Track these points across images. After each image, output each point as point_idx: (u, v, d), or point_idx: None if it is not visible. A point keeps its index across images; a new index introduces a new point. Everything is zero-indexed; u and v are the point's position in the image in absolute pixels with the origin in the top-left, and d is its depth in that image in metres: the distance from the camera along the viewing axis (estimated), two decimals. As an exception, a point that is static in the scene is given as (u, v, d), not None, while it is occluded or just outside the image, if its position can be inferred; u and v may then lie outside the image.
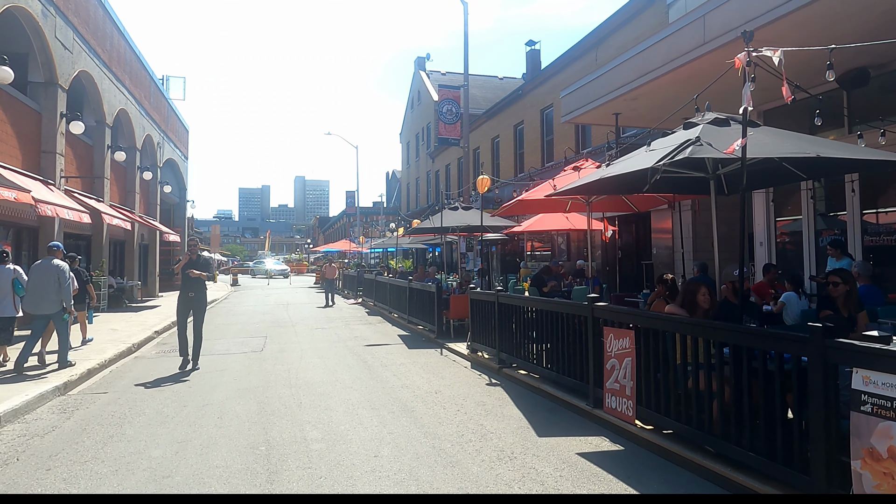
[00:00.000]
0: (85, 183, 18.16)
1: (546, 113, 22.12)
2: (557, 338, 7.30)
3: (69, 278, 9.09)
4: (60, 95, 15.35)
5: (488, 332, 9.46)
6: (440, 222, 13.41)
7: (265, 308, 21.78)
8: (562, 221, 15.02)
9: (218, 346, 12.43)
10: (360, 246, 30.80)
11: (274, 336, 13.85)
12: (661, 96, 11.67)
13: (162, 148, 27.34)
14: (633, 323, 5.74)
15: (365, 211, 52.96)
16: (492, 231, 14.88)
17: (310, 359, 10.58)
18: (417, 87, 40.54)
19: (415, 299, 14.51)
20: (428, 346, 11.89)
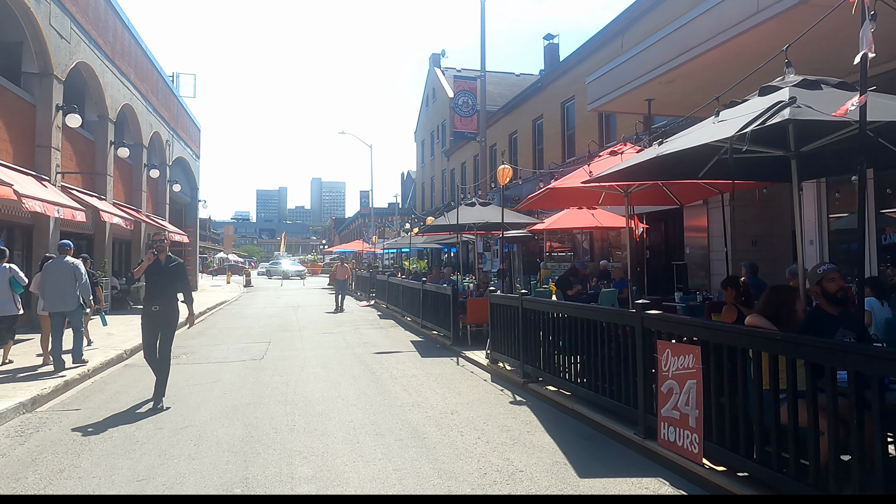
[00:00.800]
0: (86, 180, 17.30)
1: (567, 106, 20.90)
2: (595, 351, 6.14)
3: (85, 275, 9.30)
4: (56, 87, 14.46)
5: (511, 340, 8.32)
6: (456, 219, 12.28)
7: (274, 310, 20.80)
8: (587, 219, 13.83)
9: (216, 352, 11.40)
10: (374, 246, 29.78)
11: (278, 342, 12.81)
12: (700, 78, 10.47)
13: (171, 146, 26.53)
14: (699, 337, 4.57)
15: (380, 211, 52.01)
16: (513, 228, 13.72)
17: (312, 369, 9.50)
18: (432, 85, 39.47)
19: (429, 302, 13.40)
20: (443, 355, 10.77)
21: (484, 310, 10.91)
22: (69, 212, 12.91)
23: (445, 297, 11.85)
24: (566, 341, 6.80)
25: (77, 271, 9.06)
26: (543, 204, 10.05)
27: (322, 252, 78.53)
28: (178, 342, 13.26)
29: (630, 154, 7.17)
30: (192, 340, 13.26)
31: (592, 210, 14.26)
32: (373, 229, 39.56)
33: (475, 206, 12.84)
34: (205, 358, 10.80)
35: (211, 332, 14.67)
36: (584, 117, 19.38)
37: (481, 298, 11.53)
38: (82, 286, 9.10)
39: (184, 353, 11.50)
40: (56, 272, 8.93)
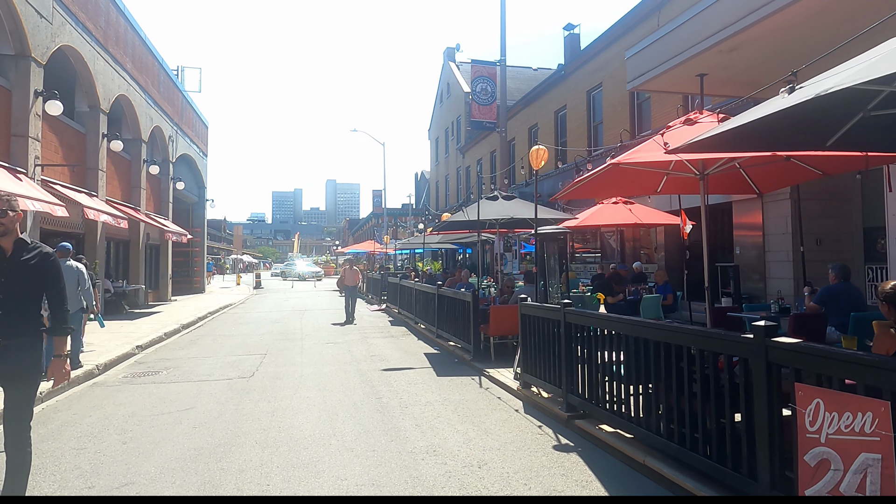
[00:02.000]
0: (75, 175, 15.86)
1: (593, 95, 19.15)
2: (678, 387, 4.44)
3: (89, 280, 9.33)
4: (34, 70, 12.99)
5: (549, 362, 6.62)
6: (477, 215, 10.60)
7: (278, 315, 19.25)
8: (624, 214, 12.09)
9: (202, 367, 9.82)
10: (386, 246, 28.17)
11: (275, 354, 11.21)
12: (768, 46, 8.74)
13: (175, 142, 25.12)
14: (885, 386, 2.85)
15: (393, 212, 50.40)
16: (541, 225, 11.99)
17: (307, 392, 7.87)
18: (447, 80, 37.83)
19: (445, 309, 11.73)
20: (462, 372, 9.09)
21: (510, 320, 9.25)
22: (46, 206, 11.40)
23: (464, 305, 10.18)
24: (631, 368, 5.10)
25: (80, 276, 9.10)
26: (593, 189, 8.31)
27: (335, 253, 77.15)
28: (164, 354, 11.79)
29: (710, 123, 5.43)
30: (180, 352, 11.71)
31: (629, 204, 12.54)
32: (385, 229, 37.97)
33: (497, 201, 11.17)
34: (186, 374, 9.22)
35: (204, 342, 13.12)
36: (613, 106, 17.63)
37: (506, 307, 9.85)
38: (85, 291, 9.17)
39: (166, 367, 9.94)
40: None
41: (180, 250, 30.07)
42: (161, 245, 24.69)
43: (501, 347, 9.95)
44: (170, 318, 16.81)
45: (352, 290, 17.45)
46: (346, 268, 18.43)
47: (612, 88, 17.71)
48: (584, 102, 19.32)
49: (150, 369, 9.81)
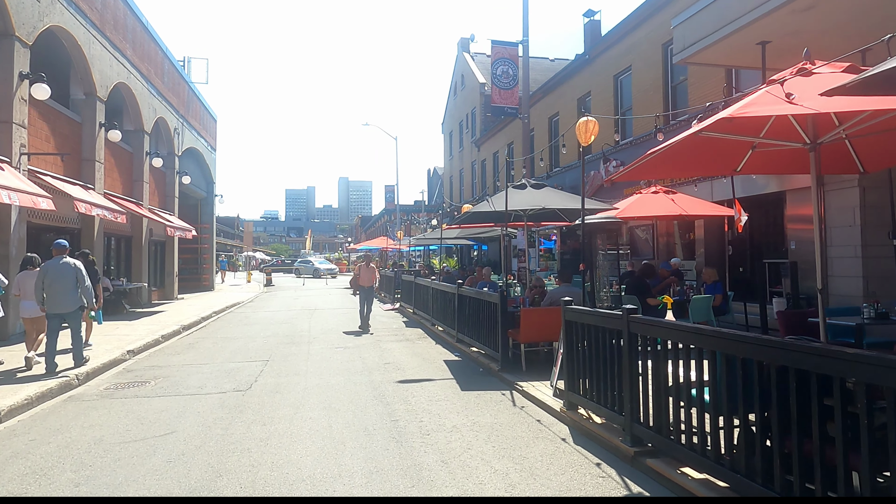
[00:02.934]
0: (70, 166, 14.77)
1: (621, 79, 17.75)
2: (801, 425, 3.14)
3: (87, 277, 8.99)
4: (19, 51, 11.88)
5: (606, 381, 5.33)
6: (502, 204, 9.31)
7: (286, 315, 18.08)
8: (666, 205, 10.72)
9: (194, 377, 8.63)
10: (399, 243, 26.94)
11: (278, 360, 10.01)
12: (851, 6, 7.42)
13: (181, 135, 24.03)
14: None
15: (406, 209, 49.13)
16: (576, 216, 10.67)
17: (310, 411, 6.64)
18: (461, 71, 36.50)
19: (466, 311, 10.46)
20: (490, 386, 7.83)
21: (544, 325, 7.99)
22: (28, 198, 10.29)
23: (490, 307, 8.89)
24: (722, 395, 3.80)
25: (79, 274, 8.76)
26: (649, 171, 7.00)
27: (347, 250, 76.15)
28: (156, 360, 10.62)
29: (834, 75, 4.09)
30: (174, 357, 10.54)
31: (671, 194, 11.19)
32: (398, 224, 36.74)
33: (525, 189, 9.86)
34: (175, 386, 8.04)
35: (203, 345, 11.96)
36: (644, 90, 16.24)
37: (540, 309, 8.56)
38: (85, 289, 8.81)
39: (155, 377, 8.76)
40: (54, 274, 8.54)
41: (188, 247, 29.06)
42: (167, 241, 23.62)
43: (532, 355, 8.67)
44: (171, 319, 15.69)
45: (367, 291, 14.58)
46: (360, 265, 15.82)
47: (641, 71, 16.33)
48: (611, 87, 17.93)
49: (136, 379, 8.64)
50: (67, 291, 8.59)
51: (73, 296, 8.65)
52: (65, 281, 8.57)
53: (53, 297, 8.53)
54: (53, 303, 8.54)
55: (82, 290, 8.76)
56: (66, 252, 8.95)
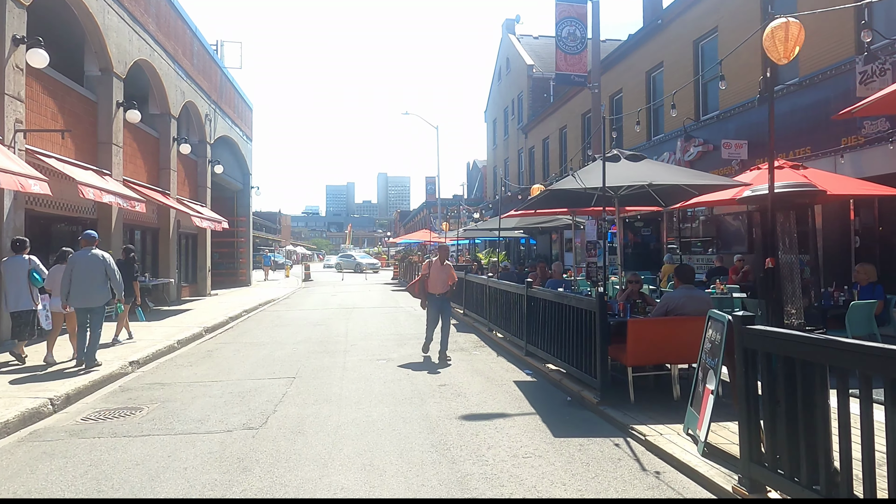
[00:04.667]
0: (84, 149, 13.07)
1: (703, 45, 15.12)
2: None
3: (117, 269, 8.53)
4: (13, 12, 10.13)
5: (821, 456, 3.00)
6: (593, 181, 6.99)
7: (322, 315, 16.12)
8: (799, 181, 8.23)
9: (197, 404, 6.62)
10: (445, 235, 24.79)
11: (306, 377, 7.96)
12: None
13: (213, 121, 22.35)
14: None
15: (445, 202, 46.97)
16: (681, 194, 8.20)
17: (343, 473, 4.49)
18: (506, 54, 34.02)
19: (540, 318, 8.17)
20: (593, 429, 5.56)
21: (662, 342, 5.73)
22: (12, 180, 8.46)
23: (583, 316, 6.58)
24: None
25: (108, 266, 8.34)
26: None
27: (386, 244, 74.52)
28: (163, 374, 8.50)
29: None
30: (184, 371, 8.60)
31: (798, 169, 8.69)
32: (440, 217, 34.57)
33: (619, 162, 7.52)
34: (170, 419, 6.03)
35: (222, 354, 10.03)
36: (737, 53, 13.54)
37: (656, 321, 6.23)
38: (116, 283, 8.42)
39: (151, 400, 6.80)
40: (83, 266, 8.15)
41: (224, 240, 27.56)
42: (198, 234, 22.00)
43: (642, 383, 6.37)
44: (196, 319, 13.89)
45: (441, 302, 9.33)
46: (430, 262, 9.70)
47: (733, 31, 13.69)
48: (691, 55, 15.30)
49: (127, 404, 6.69)
50: (96, 285, 8.19)
51: (102, 289, 8.24)
52: (94, 274, 8.16)
53: (82, 290, 8.09)
54: (82, 297, 8.09)
55: (113, 284, 8.33)
56: (94, 243, 8.51)
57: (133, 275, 10.79)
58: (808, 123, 11.20)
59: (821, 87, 10.93)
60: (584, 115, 22.34)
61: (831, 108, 10.60)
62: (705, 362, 4.83)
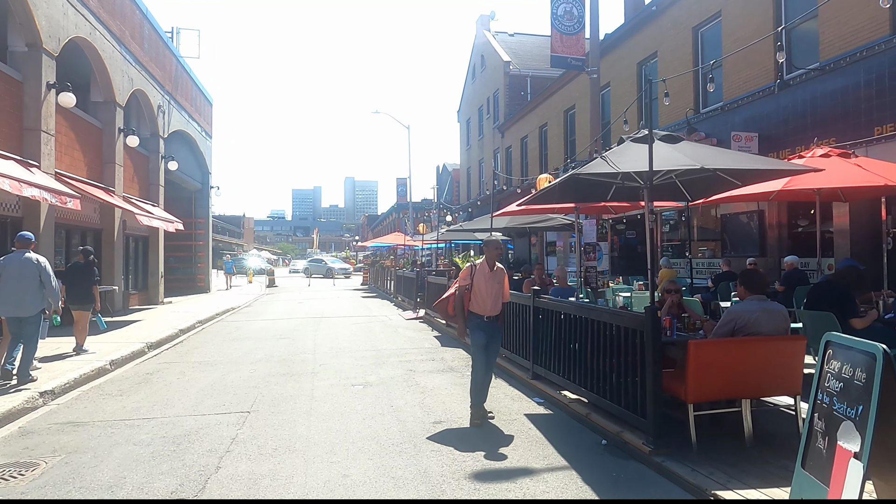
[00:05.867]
0: (5, 136, 11.11)
1: (702, 32, 13.97)
2: None
3: (53, 276, 7.67)
4: None
5: None
6: (637, 164, 5.57)
7: (287, 326, 14.36)
8: (859, 173, 7.01)
9: (114, 458, 4.92)
10: (420, 238, 23.18)
11: (265, 412, 6.30)
12: None
13: (167, 114, 20.32)
14: None
15: (415, 206, 45.31)
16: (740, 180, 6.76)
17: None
18: (481, 51, 32.70)
19: (552, 335, 6.66)
20: (657, 492, 4.10)
21: (733, 370, 4.27)
22: None
23: (624, 336, 5.09)
24: None
25: (43, 271, 7.51)
26: None
27: (355, 248, 72.48)
28: (82, 408, 6.32)
29: None
30: (111, 403, 6.84)
31: (848, 158, 7.44)
32: (412, 220, 32.97)
33: (653, 143, 6.07)
34: (70, 484, 4.35)
35: (164, 377, 8.26)
36: (745, 39, 12.40)
37: (723, 342, 4.78)
38: (50, 290, 7.54)
39: (54, 451, 5.07)
40: (14, 271, 7.34)
41: (181, 244, 25.45)
42: (151, 237, 19.94)
43: (705, 424, 4.90)
44: (139, 333, 12.02)
45: (490, 329, 5.94)
46: (473, 267, 6.05)
47: (737, 17, 12.52)
48: (689, 44, 14.13)
49: (17, 458, 4.95)
50: (29, 292, 7.40)
51: (35, 297, 7.46)
52: (26, 280, 7.40)
53: (12, 297, 7.35)
54: (12, 304, 7.33)
55: (47, 291, 7.53)
56: (30, 246, 7.72)
57: (94, 279, 9.87)
58: (833, 112, 10.05)
59: (848, 72, 9.77)
60: (568, 111, 21.10)
61: (861, 95, 9.46)
62: (830, 407, 3.40)
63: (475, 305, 5.91)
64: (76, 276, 10.11)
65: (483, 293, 5.89)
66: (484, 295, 5.90)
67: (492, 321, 5.94)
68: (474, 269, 5.98)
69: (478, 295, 5.90)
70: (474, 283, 5.90)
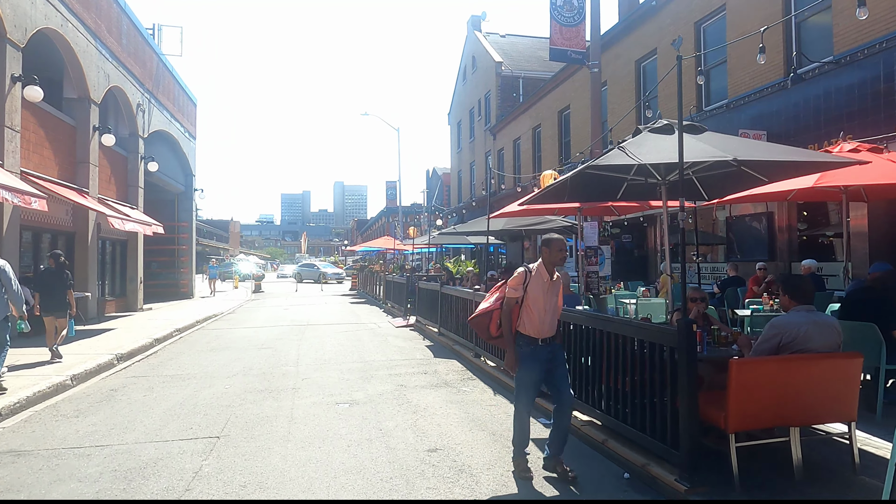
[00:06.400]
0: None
1: (705, 27, 13.39)
2: None
3: (15, 279, 7.20)
4: None
5: None
6: (660, 155, 4.90)
7: (270, 334, 13.55)
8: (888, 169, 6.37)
9: (52, 499, 4.13)
10: (409, 242, 22.43)
11: (236, 439, 5.53)
12: None
13: (147, 113, 19.46)
14: None
15: (405, 210, 44.53)
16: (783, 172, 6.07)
17: None
18: (472, 52, 32.09)
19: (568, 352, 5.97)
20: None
21: (783, 392, 3.60)
22: None
23: (650, 352, 4.39)
24: None
25: (4, 275, 7.07)
26: None
27: (343, 252, 71.58)
28: (28, 434, 5.40)
29: None
30: (64, 426, 6.04)
31: (880, 152, 6.82)
32: (401, 222, 32.24)
33: (672, 135, 5.43)
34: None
35: (129, 394, 7.45)
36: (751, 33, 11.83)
37: (770, 361, 4.09)
38: (13, 294, 7.11)
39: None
40: None
41: (163, 248, 24.53)
42: (129, 241, 19.03)
43: (748, 459, 4.20)
44: (110, 343, 11.18)
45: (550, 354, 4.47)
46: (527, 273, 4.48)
47: (744, 11, 11.95)
48: (691, 39, 13.53)
49: (-63, 501, 4.15)
50: None
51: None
52: None
53: None
54: None
55: (9, 295, 7.11)
56: None
57: (68, 283, 9.51)
58: (849, 108, 9.46)
59: (865, 65, 9.19)
60: (562, 112, 20.50)
61: (880, 90, 8.88)
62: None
63: (526, 325, 4.41)
64: (48, 283, 9.51)
65: (539, 308, 4.39)
66: (540, 311, 4.39)
67: (549, 344, 4.46)
68: (529, 277, 4.44)
69: (531, 311, 4.40)
70: (528, 294, 4.39)
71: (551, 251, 4.49)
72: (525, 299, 4.40)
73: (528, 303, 4.39)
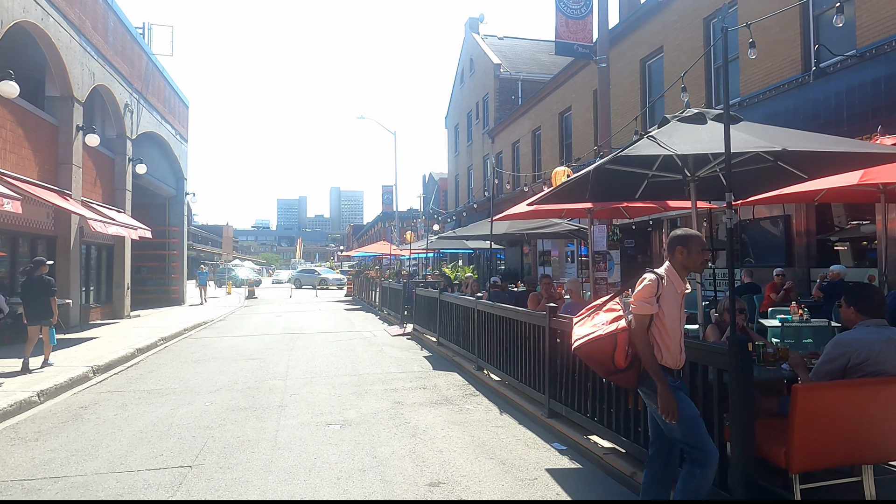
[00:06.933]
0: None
1: (713, 23, 12.80)
2: None
3: None
4: None
5: None
6: (698, 145, 4.28)
7: (260, 343, 12.84)
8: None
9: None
10: (406, 248, 21.75)
11: (210, 469, 4.84)
12: None
13: (136, 114, 18.78)
14: None
15: (402, 216, 43.83)
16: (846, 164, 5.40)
17: None
18: (469, 55, 31.52)
19: (573, 364, 5.30)
20: None
21: (856, 424, 2.87)
22: None
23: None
24: None
25: None
26: None
27: (339, 258, 70.81)
28: None
29: None
30: (18, 452, 5.34)
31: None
32: (398, 227, 31.55)
33: (707, 124, 4.81)
34: None
35: (100, 413, 6.75)
36: (765, 27, 11.24)
37: (839, 386, 3.42)
38: None
39: None
40: None
41: (153, 253, 23.82)
42: (116, 245, 18.30)
43: (805, 494, 3.56)
44: (89, 354, 10.46)
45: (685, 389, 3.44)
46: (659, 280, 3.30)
47: (756, 4, 11.38)
48: (700, 34, 12.95)
49: None
50: None
51: None
52: None
53: None
54: None
55: None
56: None
57: (50, 290, 9.11)
58: (875, 104, 8.86)
59: (893, 58, 8.60)
60: (563, 113, 19.91)
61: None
62: None
63: (662, 351, 3.29)
64: (33, 290, 8.97)
65: (675, 328, 3.32)
66: (675, 331, 3.32)
67: (679, 376, 3.38)
68: (662, 284, 3.29)
69: (666, 331, 3.30)
70: (662, 310, 3.28)
71: (690, 252, 3.32)
72: (657, 316, 3.29)
73: (660, 320, 3.28)
